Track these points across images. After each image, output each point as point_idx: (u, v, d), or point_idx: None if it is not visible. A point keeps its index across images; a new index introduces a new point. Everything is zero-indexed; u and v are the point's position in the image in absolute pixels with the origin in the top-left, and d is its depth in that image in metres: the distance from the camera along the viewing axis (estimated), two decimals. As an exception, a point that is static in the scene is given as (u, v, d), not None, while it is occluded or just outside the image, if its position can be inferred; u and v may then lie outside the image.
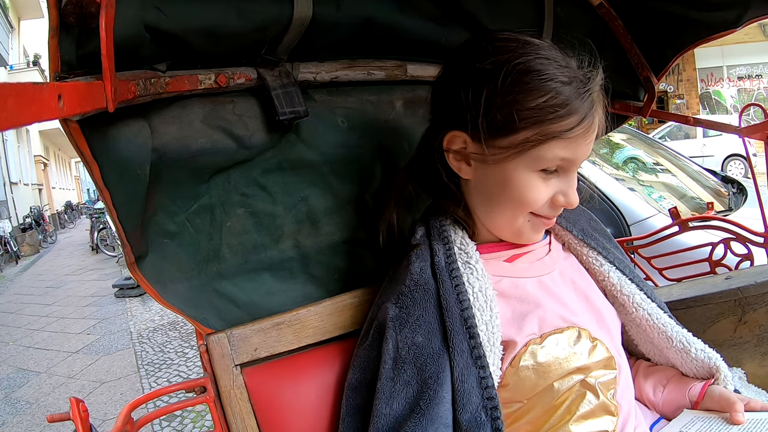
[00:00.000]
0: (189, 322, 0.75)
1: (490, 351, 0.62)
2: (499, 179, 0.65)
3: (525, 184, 0.64)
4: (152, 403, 2.34)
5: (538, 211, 0.67)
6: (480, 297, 0.64)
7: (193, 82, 0.71)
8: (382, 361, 0.63)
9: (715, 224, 1.28)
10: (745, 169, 8.71)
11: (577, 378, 0.65)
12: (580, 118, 0.60)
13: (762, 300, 0.93)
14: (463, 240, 0.70)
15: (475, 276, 0.66)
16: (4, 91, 0.27)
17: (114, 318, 4.98)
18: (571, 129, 0.60)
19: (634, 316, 0.74)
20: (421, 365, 0.61)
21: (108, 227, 8.91)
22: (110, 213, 0.63)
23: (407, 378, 0.61)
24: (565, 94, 0.60)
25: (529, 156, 0.62)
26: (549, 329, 0.66)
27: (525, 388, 0.64)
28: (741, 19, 0.87)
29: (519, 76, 0.60)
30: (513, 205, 0.66)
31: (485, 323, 0.63)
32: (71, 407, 0.59)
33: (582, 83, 0.61)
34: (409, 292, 0.65)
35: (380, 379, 0.62)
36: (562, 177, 0.65)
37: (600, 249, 0.77)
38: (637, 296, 0.74)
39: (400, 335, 0.63)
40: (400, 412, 0.60)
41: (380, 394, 0.61)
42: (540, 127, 0.60)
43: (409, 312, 0.64)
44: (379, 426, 0.60)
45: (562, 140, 0.60)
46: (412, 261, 0.68)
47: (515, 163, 0.63)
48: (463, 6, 0.87)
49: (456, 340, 0.61)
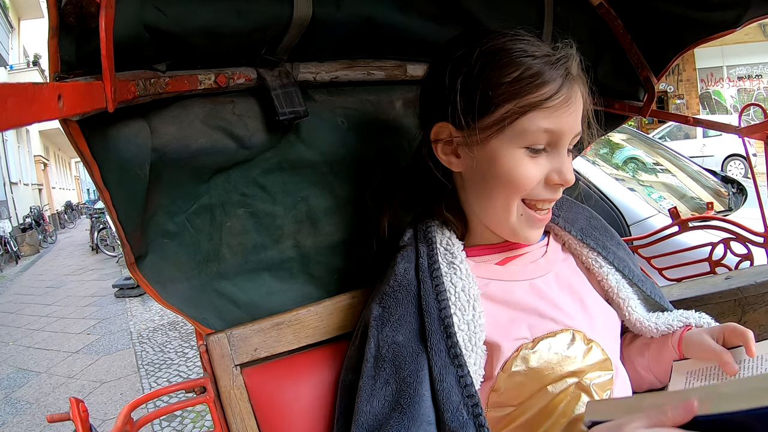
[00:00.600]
0: (189, 322, 0.75)
1: (472, 350, 0.62)
2: (486, 162, 0.65)
3: (512, 162, 0.63)
4: (152, 403, 2.34)
5: (531, 194, 0.65)
6: (462, 297, 0.65)
7: (192, 82, 0.71)
8: (364, 359, 0.64)
9: (715, 224, 1.28)
10: (745, 169, 8.71)
11: (572, 381, 0.64)
12: (556, 87, 0.61)
13: (762, 300, 0.93)
14: (449, 240, 0.70)
15: (458, 276, 0.66)
16: (4, 91, 0.27)
17: (114, 318, 4.98)
18: (549, 98, 0.60)
19: (629, 319, 0.75)
20: (399, 364, 0.61)
21: (108, 227, 8.92)
22: (110, 213, 0.63)
23: (386, 376, 0.62)
24: (538, 66, 0.61)
25: (511, 131, 0.62)
26: (541, 333, 0.66)
27: (518, 392, 0.64)
28: (741, 19, 0.87)
29: (491, 56, 0.62)
30: (504, 189, 0.65)
31: (467, 323, 0.63)
32: (71, 407, 0.60)
33: (553, 56, 0.62)
34: (392, 292, 0.66)
35: (362, 377, 0.63)
36: (552, 155, 0.65)
37: (600, 249, 0.76)
38: (632, 301, 0.74)
39: (381, 334, 0.64)
40: (379, 410, 0.60)
41: (361, 392, 0.62)
42: (517, 99, 0.61)
43: (391, 312, 0.65)
44: (360, 423, 0.60)
45: (541, 110, 0.61)
46: (398, 262, 0.70)
47: (499, 141, 0.63)
48: (463, 6, 0.87)
49: (433, 340, 0.62)
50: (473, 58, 0.62)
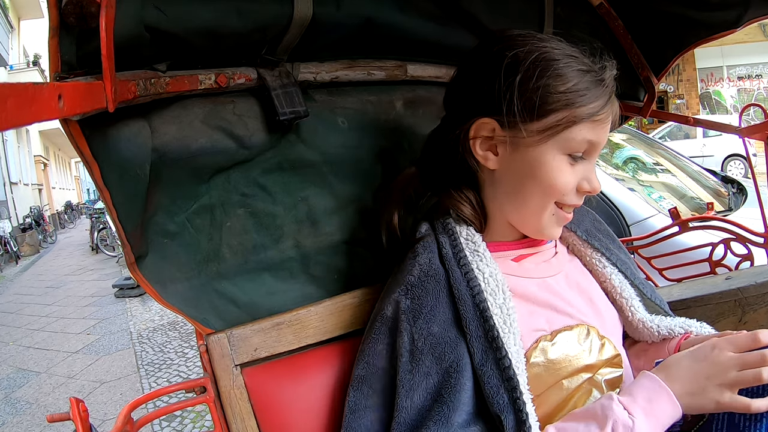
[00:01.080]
0: (189, 322, 0.75)
1: (509, 332, 0.63)
2: (529, 164, 0.66)
3: (555, 168, 0.65)
4: (152, 403, 2.34)
5: (564, 199, 0.67)
6: (491, 282, 0.65)
7: (193, 82, 0.71)
8: (398, 354, 0.63)
9: (715, 224, 1.28)
10: (745, 169, 8.71)
11: (586, 376, 0.66)
12: (603, 102, 0.64)
13: (762, 300, 0.93)
14: (468, 232, 0.70)
15: (484, 263, 0.67)
16: (4, 91, 0.27)
17: (114, 318, 4.98)
18: (597, 112, 0.63)
19: (631, 320, 0.76)
20: (439, 354, 0.61)
21: (108, 227, 8.91)
22: (110, 213, 0.63)
23: (426, 369, 0.61)
24: (588, 80, 0.63)
25: (560, 138, 0.64)
26: (559, 326, 0.67)
27: (535, 384, 0.64)
28: (741, 19, 0.87)
29: (547, 63, 0.63)
30: (542, 192, 0.66)
31: (499, 306, 0.64)
32: (71, 407, 0.60)
33: (598, 71, 0.65)
34: (419, 282, 0.66)
35: (399, 373, 0.62)
36: (585, 163, 0.67)
37: (603, 250, 0.78)
38: (635, 301, 0.76)
39: (415, 327, 0.63)
40: (421, 404, 0.60)
41: (400, 388, 0.62)
42: (570, 109, 0.62)
43: (422, 303, 0.64)
44: (401, 420, 0.60)
45: (588, 123, 0.63)
46: (419, 253, 0.68)
47: (547, 146, 0.64)
48: (464, 6, 0.87)
49: (471, 327, 0.62)
50: (529, 61, 0.63)
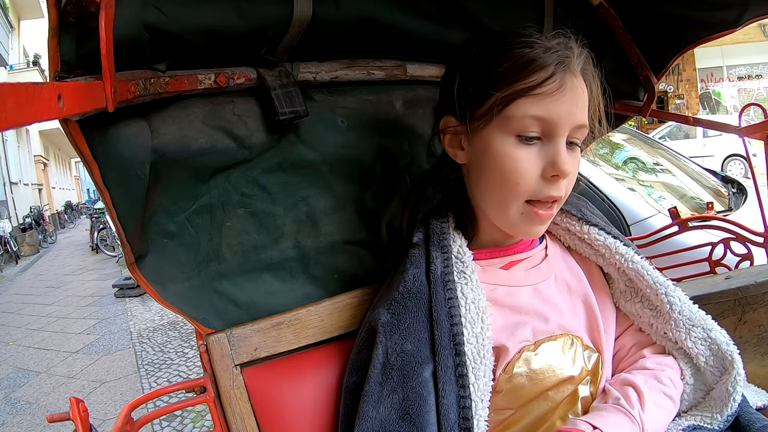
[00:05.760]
0: (189, 322, 0.75)
1: (480, 363, 0.62)
2: (481, 151, 0.66)
3: (504, 152, 0.62)
4: (152, 403, 2.34)
5: (533, 193, 0.63)
6: (472, 308, 0.64)
7: (192, 82, 0.71)
8: (371, 364, 0.63)
9: (715, 224, 1.28)
10: (745, 169, 8.71)
11: (570, 386, 0.65)
12: (547, 74, 0.60)
13: (762, 300, 0.93)
14: (460, 249, 0.69)
15: (469, 287, 0.65)
16: (4, 91, 0.27)
17: (114, 318, 4.98)
18: (538, 85, 0.59)
19: (642, 284, 0.71)
20: (407, 373, 0.61)
21: (108, 227, 8.91)
22: (110, 213, 0.63)
23: (394, 384, 0.61)
24: (531, 54, 0.60)
25: (501, 118, 0.62)
26: (543, 336, 0.66)
27: (518, 395, 0.64)
28: (741, 19, 0.87)
29: (489, 50, 0.64)
30: (500, 182, 0.64)
31: (475, 336, 0.63)
32: (71, 407, 0.59)
33: (550, 46, 0.62)
34: (401, 299, 0.66)
35: (368, 382, 0.63)
36: (546, 145, 0.62)
37: (602, 226, 0.75)
38: (645, 262, 0.72)
39: (390, 341, 0.63)
40: (386, 417, 0.60)
41: (367, 397, 0.62)
42: (507, 87, 0.61)
43: (401, 319, 0.64)
44: (365, 428, 0.60)
45: (528, 97, 0.60)
46: (407, 268, 0.68)
47: (490, 128, 0.63)
48: (463, 6, 0.87)
49: (442, 355, 0.61)
50: (472, 53, 0.65)
